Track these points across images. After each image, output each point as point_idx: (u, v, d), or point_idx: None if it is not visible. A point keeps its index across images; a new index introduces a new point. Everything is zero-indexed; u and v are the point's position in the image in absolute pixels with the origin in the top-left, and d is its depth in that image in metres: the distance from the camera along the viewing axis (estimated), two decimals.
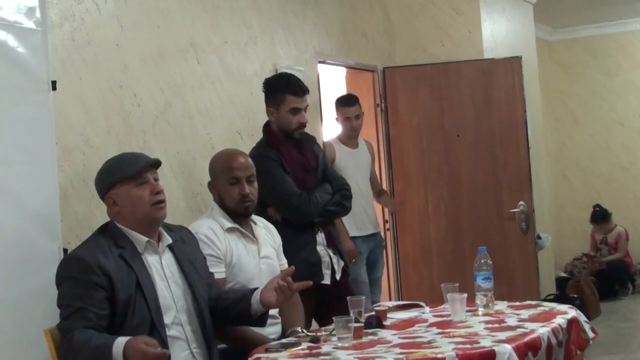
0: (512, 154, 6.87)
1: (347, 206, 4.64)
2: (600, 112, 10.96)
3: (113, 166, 3.40)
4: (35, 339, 3.39)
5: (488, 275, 3.71)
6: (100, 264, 3.17)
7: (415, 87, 6.93)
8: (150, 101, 4.51)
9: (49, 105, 3.74)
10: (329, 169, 4.73)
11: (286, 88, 4.51)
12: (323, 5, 6.21)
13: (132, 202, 3.31)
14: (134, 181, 3.32)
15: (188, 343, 3.34)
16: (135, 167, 3.33)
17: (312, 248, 4.45)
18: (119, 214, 3.34)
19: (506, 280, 6.37)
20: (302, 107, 4.49)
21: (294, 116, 4.48)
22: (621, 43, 10.84)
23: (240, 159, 4.00)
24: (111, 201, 3.34)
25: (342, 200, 4.57)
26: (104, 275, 3.16)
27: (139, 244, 3.32)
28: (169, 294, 3.32)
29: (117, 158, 3.47)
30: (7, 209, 3.47)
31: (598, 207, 10.13)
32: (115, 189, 3.33)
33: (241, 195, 3.92)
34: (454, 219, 6.87)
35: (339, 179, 4.69)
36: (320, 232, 4.50)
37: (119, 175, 3.33)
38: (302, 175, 4.48)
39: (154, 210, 3.34)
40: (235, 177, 3.93)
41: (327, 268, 4.49)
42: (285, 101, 4.48)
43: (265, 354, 3.12)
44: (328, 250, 4.51)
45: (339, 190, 4.57)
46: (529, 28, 8.33)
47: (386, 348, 3.07)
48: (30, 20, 3.69)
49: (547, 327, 3.27)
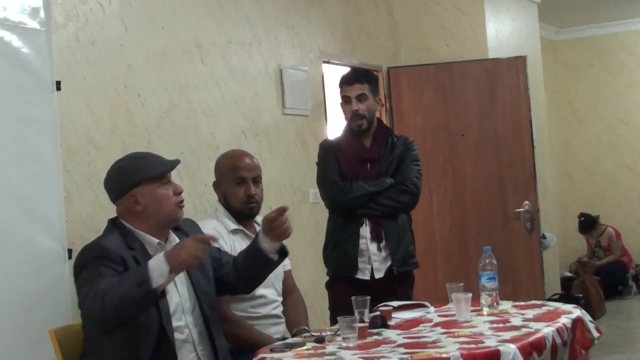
0: (516, 154, 6.86)
1: (403, 201, 4.39)
2: (605, 111, 10.95)
3: (136, 165, 3.35)
4: (40, 339, 3.40)
5: (493, 275, 3.70)
6: (121, 255, 3.15)
7: (419, 87, 6.93)
8: (155, 101, 4.52)
9: (53, 105, 3.75)
10: (406, 164, 4.46)
11: (340, 80, 4.50)
12: (327, 5, 6.21)
13: (158, 201, 3.29)
14: (159, 180, 3.30)
15: (194, 345, 3.33)
16: (163, 168, 3.33)
17: (353, 241, 4.35)
18: (140, 214, 3.29)
19: (511, 280, 6.38)
20: (352, 95, 4.40)
21: (345, 105, 4.45)
22: (626, 43, 10.83)
23: (247, 160, 3.98)
24: (133, 199, 3.29)
25: (396, 195, 4.36)
26: (124, 267, 3.13)
27: (150, 246, 3.29)
28: (176, 297, 3.31)
29: (137, 157, 3.44)
30: (11, 209, 3.48)
31: (583, 217, 10.05)
32: (140, 188, 3.29)
33: (247, 196, 3.91)
34: (459, 219, 6.86)
35: (406, 174, 4.43)
36: (366, 226, 4.38)
37: (146, 174, 3.29)
38: (355, 166, 4.41)
39: (176, 209, 3.34)
40: (241, 177, 3.92)
41: (367, 263, 4.36)
42: (340, 92, 4.48)
43: (270, 354, 3.12)
44: (371, 245, 4.38)
45: (397, 185, 4.38)
46: (533, 28, 8.32)
47: (391, 348, 3.06)
48: (35, 21, 3.69)
49: (552, 326, 3.26)
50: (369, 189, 4.33)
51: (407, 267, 4.43)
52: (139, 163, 3.36)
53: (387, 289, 4.22)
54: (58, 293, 3.66)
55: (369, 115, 4.41)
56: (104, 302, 2.95)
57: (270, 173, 5.42)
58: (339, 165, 4.40)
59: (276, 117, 5.54)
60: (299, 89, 5.74)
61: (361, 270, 4.34)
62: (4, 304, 3.41)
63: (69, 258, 3.75)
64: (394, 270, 4.36)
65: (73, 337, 3.35)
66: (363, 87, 4.40)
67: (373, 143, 4.46)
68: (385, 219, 4.38)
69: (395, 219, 4.41)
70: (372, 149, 4.45)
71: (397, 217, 4.42)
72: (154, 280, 2.97)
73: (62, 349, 3.29)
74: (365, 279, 4.33)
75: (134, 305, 2.99)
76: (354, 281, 4.30)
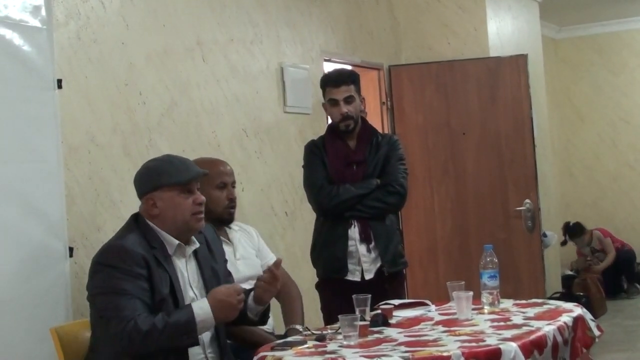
0: (518, 152, 6.86)
1: (390, 203, 4.39)
2: (606, 109, 10.94)
3: (161, 168, 3.32)
4: (42, 338, 3.40)
5: (494, 274, 3.71)
6: (144, 257, 3.15)
7: (421, 85, 6.93)
8: (156, 99, 4.52)
9: (54, 103, 3.75)
10: (392, 164, 4.45)
11: (325, 80, 4.49)
12: (328, 3, 6.21)
13: (175, 208, 3.27)
14: (180, 188, 3.28)
15: (204, 348, 3.33)
16: (186, 176, 3.29)
17: (342, 243, 4.35)
18: (157, 217, 3.28)
19: (512, 279, 6.38)
20: (339, 98, 4.37)
21: (333, 108, 4.43)
22: (627, 41, 10.83)
23: (226, 166, 4.05)
24: (151, 202, 3.28)
25: (384, 196, 4.35)
26: (147, 269, 3.13)
27: (170, 246, 3.28)
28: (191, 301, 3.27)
29: (166, 160, 3.38)
30: (12, 207, 3.48)
31: (569, 224, 9.71)
32: (159, 192, 3.27)
33: (229, 200, 3.96)
34: (460, 217, 6.86)
35: (393, 174, 4.42)
36: (354, 227, 4.38)
37: (168, 179, 3.27)
38: (341, 168, 4.40)
39: (193, 220, 3.30)
40: (223, 182, 3.97)
41: (357, 264, 4.36)
42: (325, 93, 4.47)
43: (271, 352, 3.12)
44: (360, 247, 4.37)
45: (384, 186, 4.38)
46: (534, 26, 8.32)
47: (392, 346, 3.06)
48: (36, 19, 3.69)
49: (553, 325, 3.26)
50: (356, 192, 4.33)
51: (397, 267, 4.45)
52: (165, 167, 3.33)
53: (378, 289, 4.18)
54: (59, 291, 3.66)
55: (355, 115, 4.42)
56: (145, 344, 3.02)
57: (271, 171, 5.42)
58: (325, 168, 4.40)
59: (277, 116, 5.54)
60: (300, 87, 5.74)
61: (351, 271, 4.35)
62: (5, 302, 3.41)
63: (70, 256, 3.75)
64: (384, 271, 4.36)
65: (74, 335, 3.35)
66: (349, 88, 4.39)
67: (358, 143, 4.45)
68: (374, 220, 4.38)
69: (383, 219, 4.41)
70: (358, 151, 4.44)
71: (385, 217, 4.43)
72: (199, 331, 3.10)
73: (63, 347, 3.29)
74: (355, 280, 4.33)
75: (170, 349, 3.11)
76: (344, 283, 4.30)
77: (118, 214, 4.08)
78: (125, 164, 4.21)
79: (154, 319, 3.03)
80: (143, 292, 3.09)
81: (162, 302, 3.14)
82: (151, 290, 3.12)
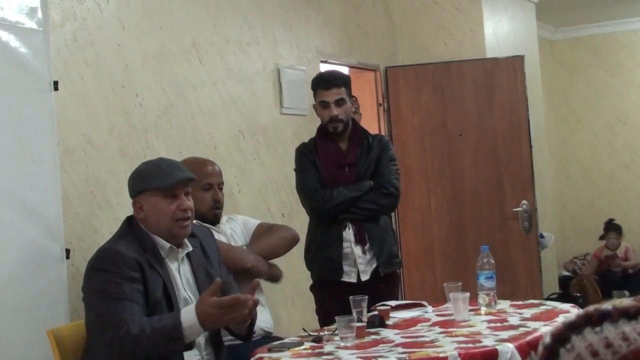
0: (514, 153, 6.87)
1: (384, 204, 4.40)
2: (603, 110, 10.94)
3: (147, 172, 3.33)
4: (39, 340, 3.39)
5: (491, 275, 3.71)
6: (138, 260, 3.15)
7: (417, 87, 6.93)
8: (153, 101, 4.51)
9: (50, 105, 3.75)
10: (384, 165, 4.46)
11: (316, 82, 4.51)
12: (325, 5, 6.21)
13: (158, 213, 3.26)
14: (164, 193, 3.27)
15: (200, 350, 3.34)
16: (169, 181, 3.27)
17: (337, 245, 4.36)
18: (144, 220, 3.29)
19: (509, 279, 6.38)
20: (330, 100, 4.38)
21: (323, 110, 4.44)
22: (624, 42, 10.83)
23: (214, 166, 4.08)
24: (138, 205, 3.30)
25: (377, 198, 4.36)
26: (140, 273, 3.13)
27: (162, 249, 3.28)
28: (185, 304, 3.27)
29: (155, 164, 3.38)
30: (8, 209, 3.47)
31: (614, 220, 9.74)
32: (144, 196, 3.29)
33: (214, 201, 3.99)
34: (457, 218, 6.86)
35: (385, 175, 4.42)
36: (349, 229, 4.38)
37: (152, 183, 3.28)
38: (334, 171, 4.41)
39: (174, 226, 3.28)
40: (209, 183, 3.99)
41: (352, 266, 4.37)
42: (316, 95, 4.48)
43: (268, 353, 3.12)
44: (356, 248, 4.37)
45: (377, 187, 4.39)
46: (531, 27, 8.32)
47: (389, 347, 3.07)
48: (32, 21, 3.69)
49: (550, 326, 3.27)
50: (349, 195, 4.34)
51: (392, 267, 4.47)
52: (152, 171, 3.33)
53: (374, 290, 4.20)
54: (56, 293, 3.65)
55: (346, 118, 4.43)
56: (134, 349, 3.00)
57: (268, 173, 5.42)
58: (318, 171, 4.41)
59: (274, 117, 5.54)
60: (296, 89, 5.74)
61: (347, 273, 4.36)
62: (2, 304, 3.41)
63: (67, 258, 3.75)
64: (380, 272, 4.37)
65: (71, 337, 3.35)
66: (340, 91, 4.40)
67: (349, 145, 4.47)
68: (368, 222, 4.39)
69: (377, 220, 4.43)
70: (349, 153, 4.45)
71: (379, 219, 4.44)
72: (186, 337, 3.04)
73: (60, 349, 3.28)
74: (351, 281, 4.34)
75: (158, 355, 3.08)
76: (339, 284, 4.30)
77: (114, 216, 4.08)
78: (122, 165, 4.21)
79: (143, 323, 3.03)
80: (138, 296, 3.10)
81: (157, 305, 3.15)
82: (145, 294, 3.13)
